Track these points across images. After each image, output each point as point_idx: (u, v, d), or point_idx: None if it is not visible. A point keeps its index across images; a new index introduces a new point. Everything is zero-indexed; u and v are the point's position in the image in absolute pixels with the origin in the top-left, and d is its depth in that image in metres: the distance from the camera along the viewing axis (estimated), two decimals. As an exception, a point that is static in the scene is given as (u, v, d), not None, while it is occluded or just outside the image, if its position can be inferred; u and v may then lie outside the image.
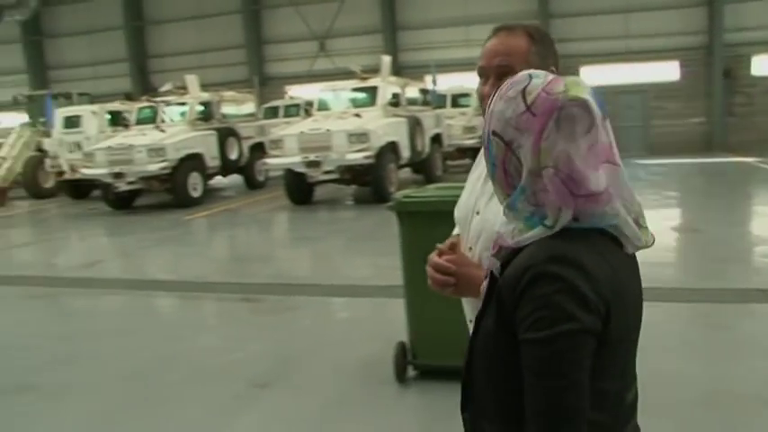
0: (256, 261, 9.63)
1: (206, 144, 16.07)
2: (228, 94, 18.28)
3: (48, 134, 20.25)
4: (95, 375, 5.19)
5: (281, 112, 21.79)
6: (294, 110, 21.46)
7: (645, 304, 1.40)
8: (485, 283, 1.39)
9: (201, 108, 16.88)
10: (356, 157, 13.08)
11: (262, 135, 18.13)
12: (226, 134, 16.83)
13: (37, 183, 20.50)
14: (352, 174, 13.73)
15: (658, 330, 5.11)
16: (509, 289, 1.24)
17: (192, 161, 15.52)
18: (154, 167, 14.73)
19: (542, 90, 1.27)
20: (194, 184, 15.53)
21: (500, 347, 1.29)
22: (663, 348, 4.86)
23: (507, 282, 1.26)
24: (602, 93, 1.33)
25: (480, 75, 1.85)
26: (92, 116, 18.99)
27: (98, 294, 8.19)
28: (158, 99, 17.24)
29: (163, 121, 16.37)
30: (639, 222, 1.31)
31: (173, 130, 15.84)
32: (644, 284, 1.40)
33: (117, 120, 18.88)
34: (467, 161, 19.12)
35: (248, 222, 13.50)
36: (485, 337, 1.33)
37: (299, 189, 14.05)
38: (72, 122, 19.13)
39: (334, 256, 9.67)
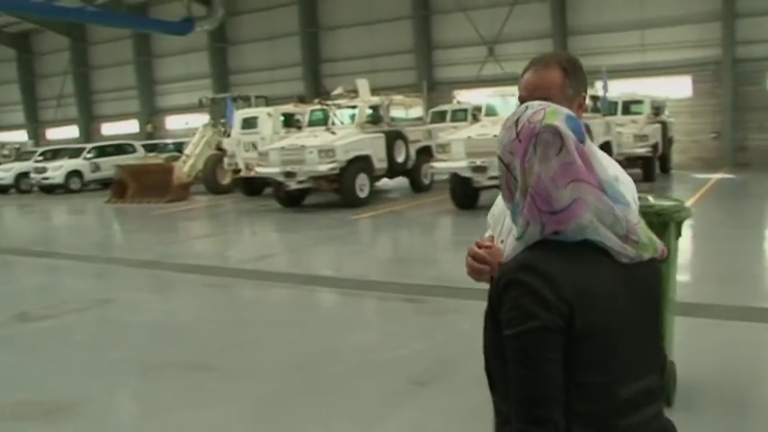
0: (419, 263, 9.76)
1: (374, 146, 16.45)
2: (397, 97, 18.60)
3: (227, 134, 21.52)
4: (264, 362, 5.47)
5: (449, 116, 21.91)
6: (461, 114, 21.52)
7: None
8: None
9: (371, 111, 17.30)
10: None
11: (429, 139, 18.30)
12: (394, 137, 17.15)
13: (215, 179, 21.86)
14: (517, 179, 13.60)
15: None
16: (493, 293, 1.47)
17: (360, 163, 15.94)
18: (323, 168, 15.27)
19: (527, 119, 1.47)
20: (361, 185, 15.95)
21: (495, 341, 1.49)
22: None
23: (492, 287, 1.49)
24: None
25: (522, 103, 2.07)
26: (267, 118, 19.97)
27: (267, 286, 8.61)
28: (330, 102, 17.83)
29: (333, 124, 16.93)
30: (632, 238, 1.47)
31: (343, 132, 16.35)
32: None
33: (290, 121, 19.75)
34: (637, 171, 18.42)
35: (412, 224, 13.69)
36: (485, 332, 1.54)
37: (465, 193, 14.05)
38: (249, 123, 20.21)
39: (496, 262, 9.60)
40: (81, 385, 5.17)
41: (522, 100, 2.08)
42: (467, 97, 25.65)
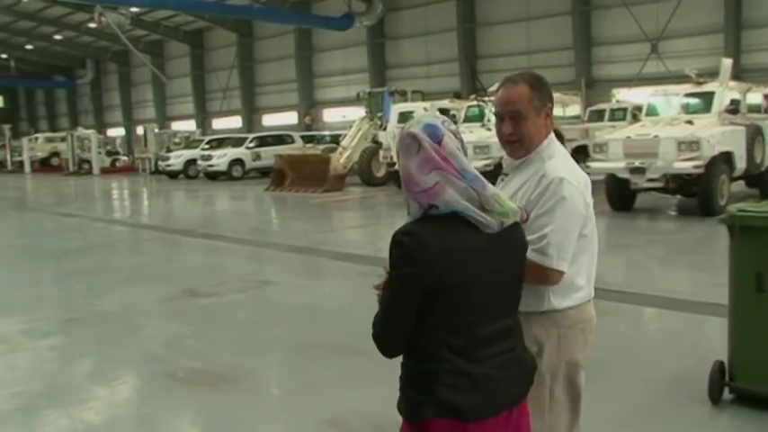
0: (569, 263, 9.61)
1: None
2: (555, 95, 18.26)
3: (383, 127, 21.94)
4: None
5: (607, 115, 21.32)
6: (620, 114, 20.89)
7: None
8: None
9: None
10: (685, 165, 12.38)
11: (585, 138, 17.91)
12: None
13: (370, 171, 22.37)
14: (678, 183, 13.01)
15: None
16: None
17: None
18: (478, 164, 15.14)
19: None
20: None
21: None
22: None
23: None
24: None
25: (498, 117, 2.55)
26: (423, 113, 20.13)
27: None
28: (486, 98, 17.77)
29: (489, 120, 16.88)
30: (487, 208, 1.95)
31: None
32: None
33: (446, 117, 19.84)
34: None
35: (563, 224, 13.45)
36: None
37: (621, 195, 13.60)
38: (405, 118, 20.41)
39: (651, 266, 9.32)
40: (243, 359, 5.53)
41: (497, 114, 2.55)
42: (626, 96, 24.84)
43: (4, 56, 58.03)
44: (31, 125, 64.78)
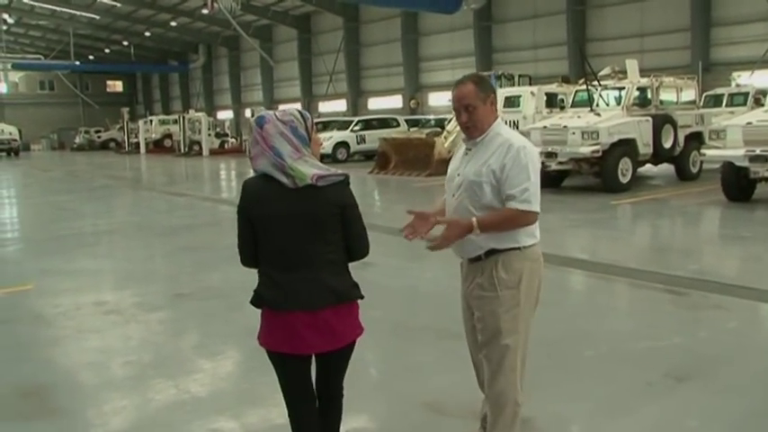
0: (680, 253, 9.23)
1: (640, 130, 15.68)
2: (668, 79, 17.53)
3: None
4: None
5: (725, 100, 20.33)
6: (740, 99, 19.88)
7: None
8: None
9: (638, 93, 16.51)
10: (814, 154, 11.65)
11: (701, 124, 17.12)
12: (662, 121, 16.20)
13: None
14: (802, 172, 12.25)
15: None
16: None
17: (624, 147, 15.26)
18: (586, 150, 14.82)
19: None
20: (624, 170, 15.27)
21: None
22: None
23: None
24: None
25: (456, 111, 3.28)
26: (530, 97, 19.77)
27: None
28: (595, 82, 17.19)
29: (598, 105, 16.35)
30: (287, 172, 2.77)
31: (608, 114, 15.73)
32: None
33: (553, 101, 19.42)
34: None
35: (675, 213, 12.94)
36: None
37: (738, 185, 12.90)
38: (512, 102, 20.14)
39: (770, 260, 8.81)
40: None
41: (455, 109, 3.26)
42: (748, 80, 23.60)
43: (125, 43, 60.78)
44: (147, 108, 67.66)
